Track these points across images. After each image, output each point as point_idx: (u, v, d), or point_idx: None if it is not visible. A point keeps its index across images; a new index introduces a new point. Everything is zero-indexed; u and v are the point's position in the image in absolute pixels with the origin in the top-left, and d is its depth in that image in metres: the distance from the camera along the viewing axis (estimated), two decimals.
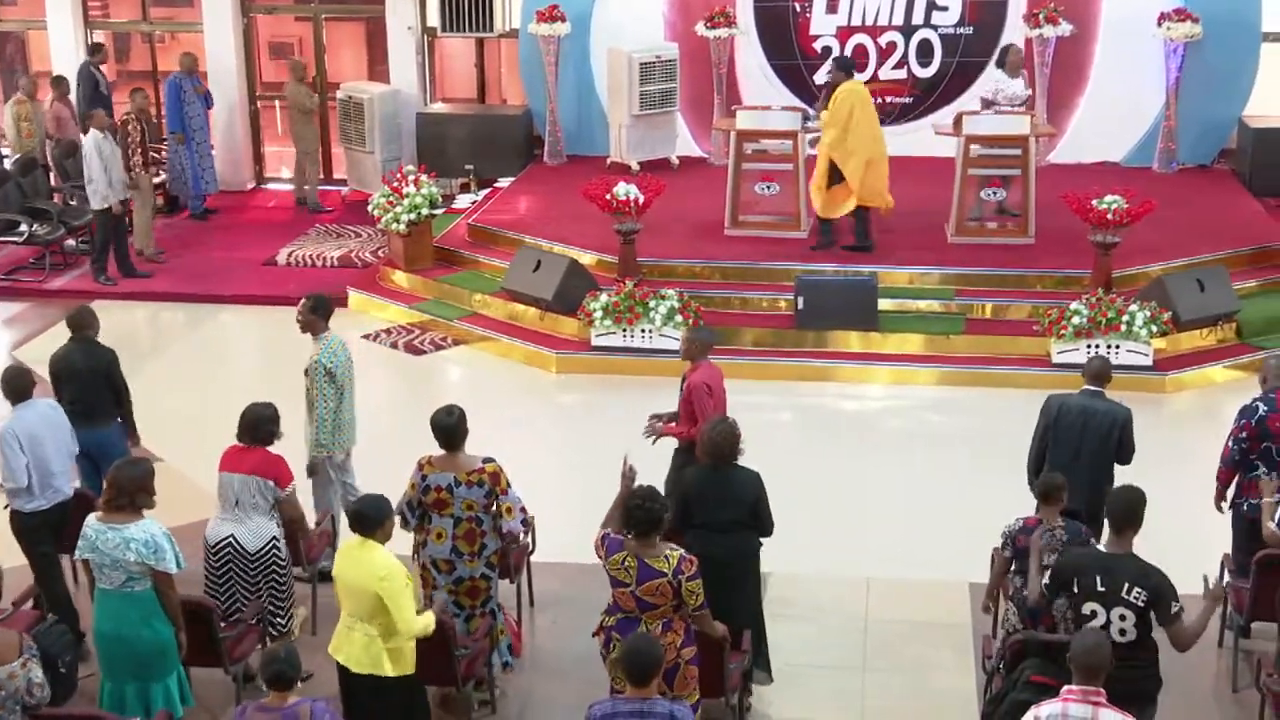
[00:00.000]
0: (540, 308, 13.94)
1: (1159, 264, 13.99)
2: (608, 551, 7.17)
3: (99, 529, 7.44)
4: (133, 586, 7.42)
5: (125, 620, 7.45)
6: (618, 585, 7.14)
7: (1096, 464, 8.78)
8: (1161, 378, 12.86)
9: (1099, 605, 6.90)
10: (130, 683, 7.53)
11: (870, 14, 17.29)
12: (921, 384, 13.12)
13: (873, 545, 10.18)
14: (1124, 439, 8.83)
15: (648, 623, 7.10)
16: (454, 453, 8.07)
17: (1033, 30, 16.70)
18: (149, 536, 7.40)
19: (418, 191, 14.98)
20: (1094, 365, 9.13)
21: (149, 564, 7.38)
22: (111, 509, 7.47)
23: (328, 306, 9.59)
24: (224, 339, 14.74)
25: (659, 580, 7.03)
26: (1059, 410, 8.96)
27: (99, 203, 15.10)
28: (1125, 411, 8.90)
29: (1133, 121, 17.16)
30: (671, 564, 7.05)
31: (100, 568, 7.45)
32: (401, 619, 7.16)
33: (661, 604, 7.07)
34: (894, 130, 17.37)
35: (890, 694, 8.59)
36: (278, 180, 19.54)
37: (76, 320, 9.80)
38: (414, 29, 18.39)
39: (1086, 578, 6.95)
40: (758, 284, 14.15)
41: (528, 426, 12.29)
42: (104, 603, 7.52)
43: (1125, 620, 6.88)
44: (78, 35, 18.90)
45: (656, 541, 7.09)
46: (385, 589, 7.11)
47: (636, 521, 7.06)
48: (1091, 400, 8.93)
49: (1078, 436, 8.82)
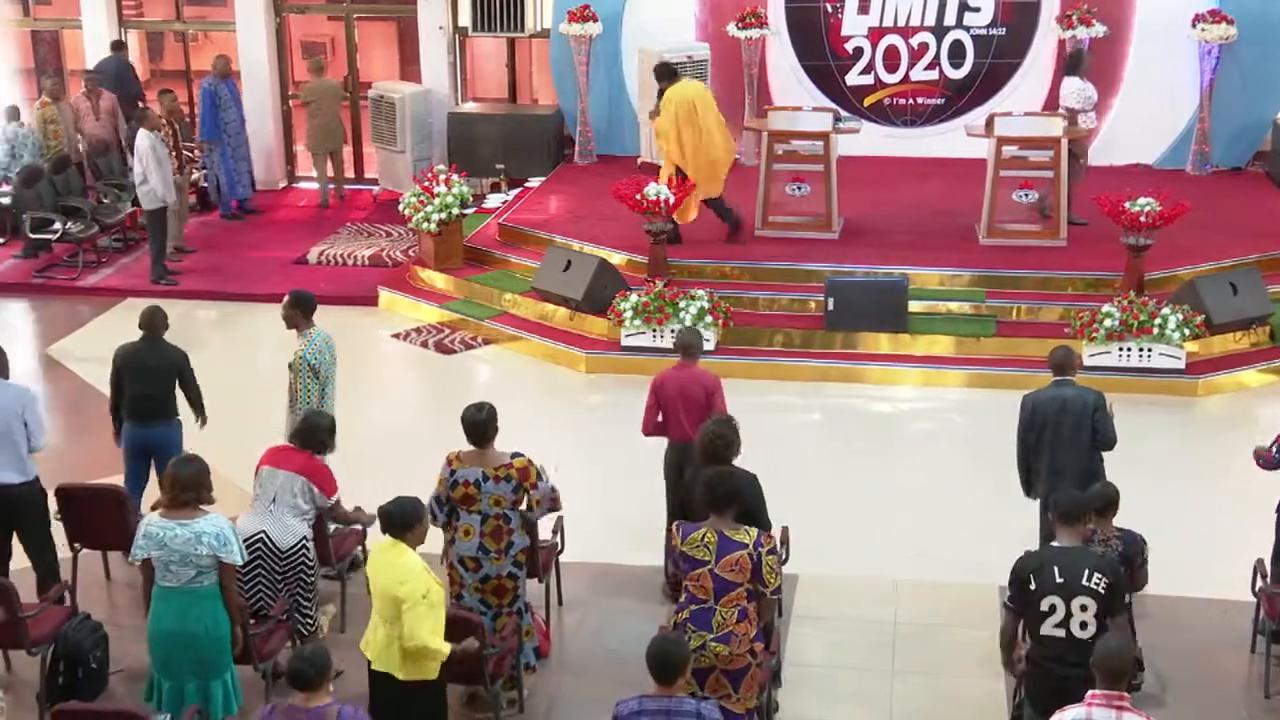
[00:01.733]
0: (570, 307, 13.94)
1: (1191, 267, 13.90)
2: (684, 534, 7.17)
3: (166, 526, 7.44)
4: (201, 581, 7.44)
5: (190, 617, 7.46)
6: (695, 566, 7.11)
7: (1079, 453, 8.80)
8: (1194, 381, 12.78)
9: (1058, 598, 6.86)
10: (190, 680, 7.54)
11: (902, 15, 17.24)
12: (951, 386, 13.08)
13: (901, 547, 10.15)
14: (1098, 423, 8.84)
15: (723, 611, 7.08)
16: (483, 448, 8.08)
17: (1065, 32, 16.63)
18: (219, 530, 7.45)
19: (448, 191, 15.01)
20: (1057, 356, 9.15)
21: (219, 556, 7.42)
22: (176, 505, 7.49)
23: (309, 303, 9.75)
24: (255, 337, 14.80)
25: (739, 553, 7.05)
26: (1034, 407, 9.02)
27: (152, 203, 15.12)
28: (1096, 395, 8.93)
29: (1166, 123, 17.07)
30: (751, 536, 7.11)
31: (166, 565, 7.45)
32: (409, 627, 7.12)
33: (739, 582, 7.07)
34: (925, 131, 17.46)
35: (918, 697, 8.55)
36: (309, 179, 19.60)
37: (148, 319, 9.91)
38: (445, 29, 18.43)
39: (1044, 573, 6.91)
40: (787, 285, 14.13)
41: (556, 426, 12.30)
42: (167, 600, 7.50)
43: (1086, 611, 6.83)
44: (111, 34, 18.99)
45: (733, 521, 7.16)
46: (403, 594, 7.11)
47: (718, 495, 7.14)
48: (1061, 389, 8.98)
49: (1055, 427, 8.87)
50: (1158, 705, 7.99)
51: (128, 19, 19.45)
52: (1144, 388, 12.53)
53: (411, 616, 7.11)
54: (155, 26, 20.27)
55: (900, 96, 17.51)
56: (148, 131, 14.95)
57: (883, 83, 17.46)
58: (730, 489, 7.21)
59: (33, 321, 15.28)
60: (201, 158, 17.66)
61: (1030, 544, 8.81)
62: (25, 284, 15.89)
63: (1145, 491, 9.18)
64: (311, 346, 9.54)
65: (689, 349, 9.38)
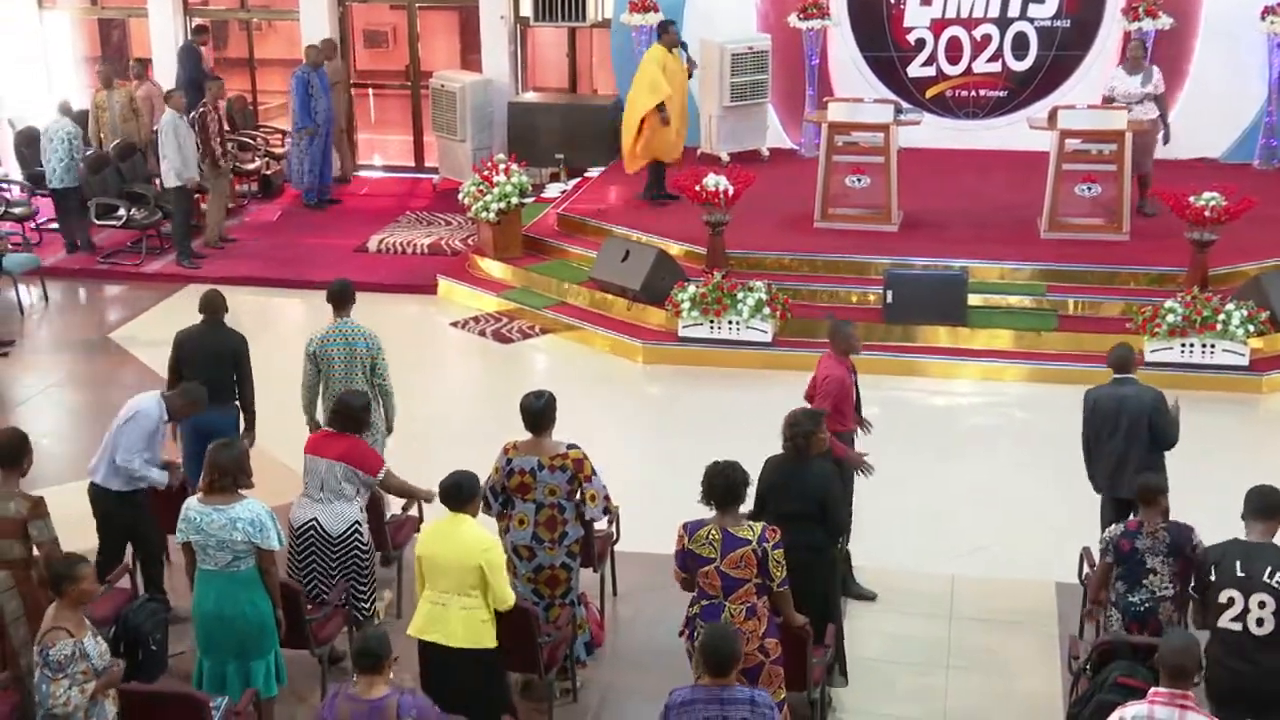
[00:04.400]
0: (628, 298, 13.95)
1: (1257, 262, 13.73)
2: (689, 532, 7.19)
3: (203, 511, 7.53)
4: (238, 566, 7.52)
5: (230, 599, 7.55)
6: (702, 564, 7.13)
7: (1138, 450, 8.73)
8: (1258, 378, 12.63)
9: (1237, 592, 6.81)
10: (231, 661, 7.63)
11: (965, 6, 17.12)
12: (1010, 380, 12.98)
13: (958, 542, 10.10)
14: (1155, 422, 8.76)
15: (731, 607, 7.09)
16: (539, 437, 8.11)
17: (1131, 24, 16.44)
18: (254, 515, 7.51)
19: (508, 180, 15.05)
20: (1116, 354, 9.11)
21: (255, 542, 7.48)
22: (215, 490, 7.57)
23: (332, 293, 9.91)
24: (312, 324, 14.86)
25: (744, 549, 7.05)
26: (1094, 404, 8.98)
27: (173, 180, 15.34)
28: (1154, 395, 8.86)
29: (1233, 117, 16.85)
30: (755, 532, 7.10)
31: (205, 549, 7.54)
32: (501, 591, 7.29)
33: (746, 578, 7.07)
34: (988, 124, 17.35)
35: (973, 693, 8.51)
36: (371, 168, 19.72)
37: (208, 303, 10.01)
38: (506, 18, 18.47)
39: (1226, 563, 6.87)
40: (847, 277, 14.07)
41: (614, 416, 12.32)
42: (208, 583, 7.60)
43: (1265, 608, 6.78)
44: (177, 22, 19.18)
45: (739, 516, 7.16)
46: (489, 560, 7.22)
47: (717, 490, 7.13)
48: (1121, 388, 8.92)
49: (1114, 425, 8.82)
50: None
51: (193, 7, 19.61)
52: (1207, 384, 12.39)
53: (499, 581, 7.27)
54: (220, 15, 20.43)
55: (962, 88, 17.39)
56: (173, 110, 15.26)
57: (945, 75, 17.35)
58: (732, 483, 7.16)
59: (97, 307, 15.48)
60: (289, 149, 17.80)
61: (1089, 540, 8.78)
62: (90, 269, 16.08)
63: (1206, 488, 9.08)
64: (318, 336, 9.70)
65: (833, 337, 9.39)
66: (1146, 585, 7.60)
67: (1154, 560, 7.55)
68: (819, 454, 8.00)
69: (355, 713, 6.39)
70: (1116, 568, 7.70)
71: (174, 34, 19.06)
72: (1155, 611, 7.58)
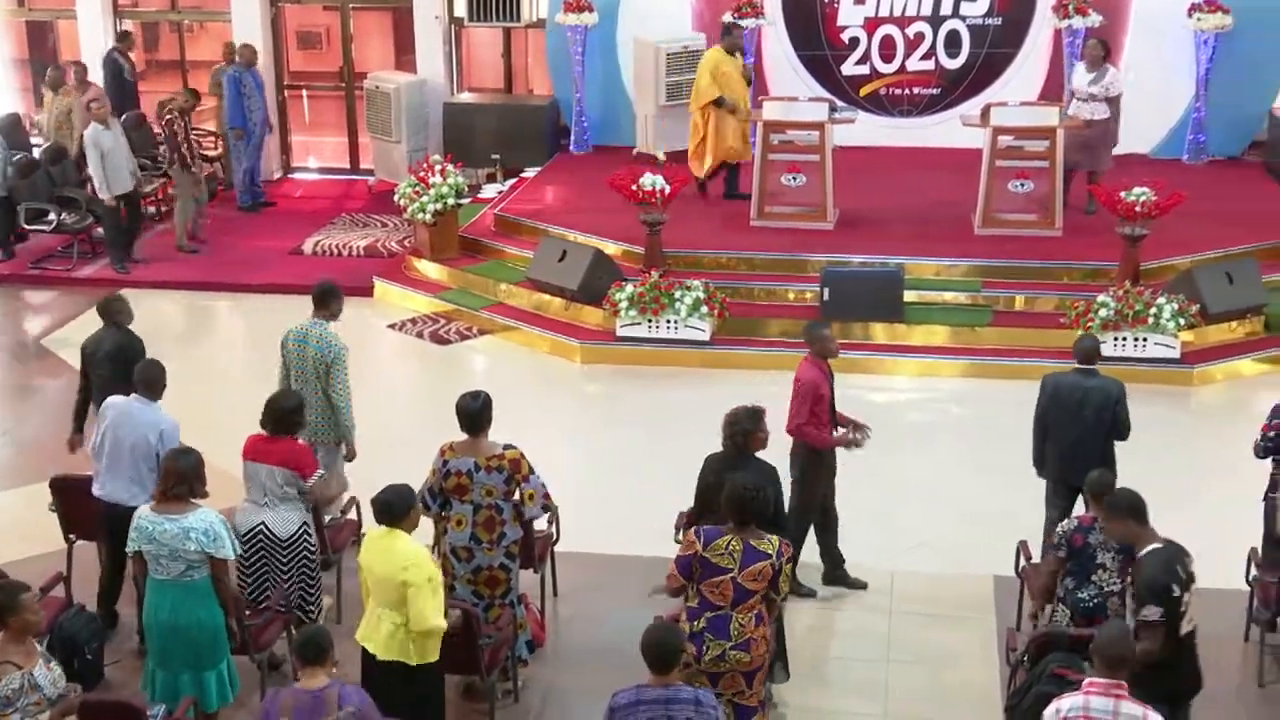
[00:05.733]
0: (565, 298, 13.94)
1: (1187, 256, 13.91)
2: (705, 540, 7.11)
3: (155, 520, 7.45)
4: (192, 575, 7.45)
5: (184, 610, 7.48)
6: (717, 574, 7.06)
7: (1097, 440, 8.84)
8: (1189, 371, 12.79)
9: (1187, 594, 6.90)
10: (185, 672, 7.55)
11: (898, 5, 17.22)
12: (947, 376, 13.07)
13: (897, 537, 10.16)
14: (1119, 414, 8.89)
15: (740, 617, 7.08)
16: (476, 438, 8.09)
17: (1061, 21, 16.61)
18: (208, 525, 7.44)
19: (444, 181, 15.00)
20: (1084, 345, 9.22)
21: (208, 552, 7.42)
22: (168, 499, 7.50)
23: (313, 293, 9.72)
24: (249, 327, 14.80)
25: (764, 563, 7.04)
26: (1054, 388, 9.05)
27: (101, 194, 15.19)
28: (1119, 386, 8.99)
29: (1162, 113, 17.06)
30: (775, 546, 7.10)
31: (156, 559, 7.46)
32: (415, 612, 7.18)
33: (758, 590, 7.08)
34: (922, 122, 17.46)
35: (913, 686, 8.57)
36: (305, 170, 19.60)
37: (106, 308, 9.86)
38: (441, 18, 18.41)
39: (1178, 575, 6.90)
40: (784, 275, 14.13)
41: (552, 416, 12.30)
42: (160, 593, 7.52)
43: (1191, 602, 6.89)
44: (106, 24, 18.97)
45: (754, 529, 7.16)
46: (409, 578, 7.14)
47: (753, 511, 7.11)
48: (1086, 378, 9.02)
49: (1076, 414, 8.90)
50: None
51: (123, 9, 19.41)
52: (1139, 377, 12.50)
53: (418, 601, 7.16)
54: (150, 16, 20.22)
55: (896, 87, 17.50)
56: (96, 123, 14.99)
57: (879, 73, 17.46)
58: (761, 506, 7.16)
59: (29, 312, 15.28)
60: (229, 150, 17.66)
61: (1027, 534, 8.86)
62: (21, 274, 15.88)
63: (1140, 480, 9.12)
64: (290, 329, 9.66)
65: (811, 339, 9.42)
66: (1095, 581, 7.67)
67: (1105, 555, 7.63)
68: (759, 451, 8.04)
69: (298, 704, 6.40)
70: (1067, 562, 7.76)
71: (104, 36, 18.85)
72: (1104, 607, 7.65)
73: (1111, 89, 14.78)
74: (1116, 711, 5.97)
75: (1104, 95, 14.72)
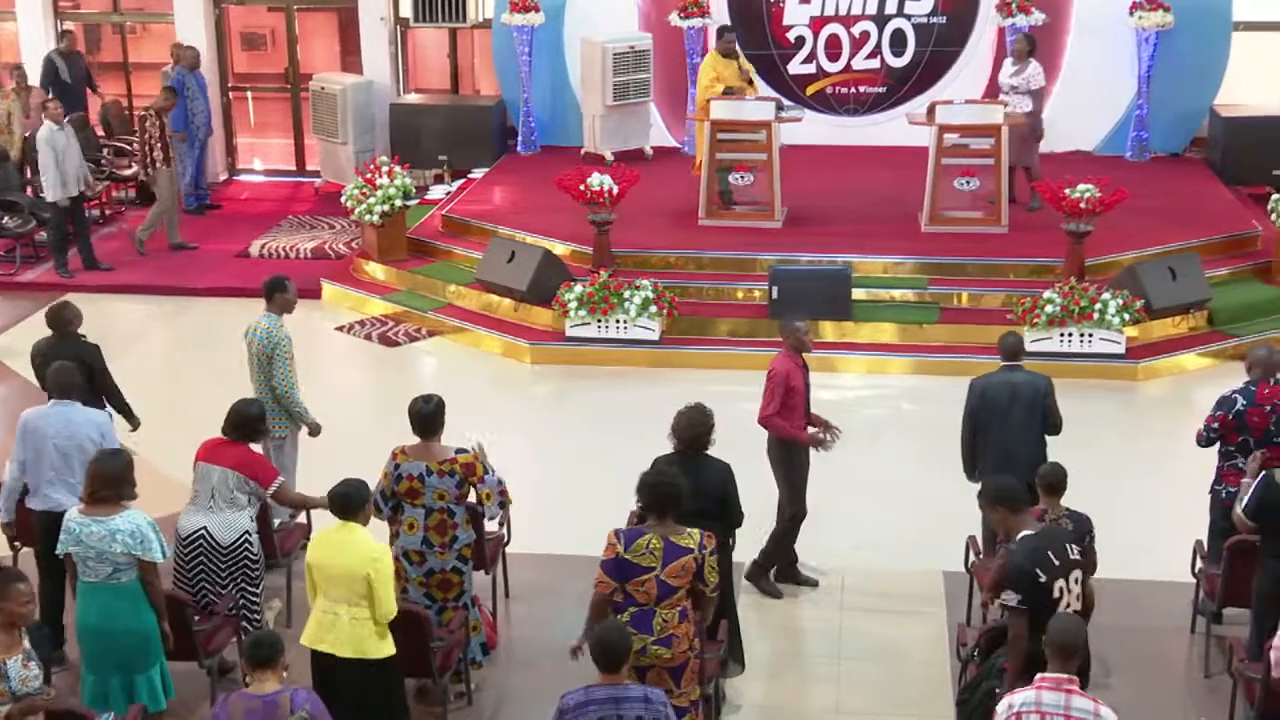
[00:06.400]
0: (515, 298, 13.91)
1: (1131, 252, 14.04)
2: (626, 541, 7.09)
3: (83, 522, 7.38)
4: (119, 578, 7.38)
5: (111, 613, 7.41)
6: (639, 573, 7.06)
7: (1030, 437, 8.87)
8: (1134, 366, 12.91)
9: (1061, 580, 6.89)
10: (115, 675, 7.48)
11: (844, 4, 17.30)
12: (895, 373, 13.15)
13: (846, 534, 10.20)
14: (1048, 407, 8.94)
15: (664, 613, 7.07)
16: (428, 441, 8.07)
17: (1005, 20, 16.72)
18: (135, 527, 7.37)
19: (391, 183, 14.94)
20: (1008, 342, 9.27)
21: (136, 554, 7.35)
22: (95, 501, 7.42)
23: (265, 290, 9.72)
24: (196, 331, 14.68)
25: (686, 558, 7.04)
26: (984, 390, 9.08)
27: (50, 195, 15.03)
28: (1045, 380, 9.03)
29: (1105, 110, 17.22)
30: (695, 539, 7.09)
31: (85, 561, 7.40)
32: (384, 602, 7.22)
33: (682, 586, 7.07)
34: (868, 120, 17.55)
35: (865, 682, 8.61)
36: (251, 172, 19.47)
37: (56, 314, 9.78)
38: (386, 19, 18.34)
39: (1045, 562, 6.90)
40: (732, 274, 14.16)
41: (503, 417, 12.27)
42: (89, 596, 7.45)
43: (1076, 583, 6.90)
44: (47, 26, 18.78)
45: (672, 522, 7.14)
46: (376, 570, 7.16)
47: (660, 499, 7.10)
48: (1012, 374, 9.06)
49: (1006, 411, 8.94)
50: (1101, 687, 8.04)
51: (64, 10, 19.22)
52: (1085, 372, 12.65)
53: (385, 591, 7.20)
54: (92, 18, 20.02)
55: (842, 85, 17.57)
56: (50, 123, 14.88)
57: (825, 72, 17.52)
58: (673, 492, 7.15)
59: None
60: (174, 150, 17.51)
61: (977, 529, 8.91)
62: None
63: (1086, 474, 9.23)
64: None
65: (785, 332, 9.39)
66: None
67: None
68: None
69: (249, 709, 6.35)
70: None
71: (45, 39, 18.66)
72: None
73: (1032, 82, 14.91)
74: (1068, 706, 6.01)
75: (1025, 88, 14.85)
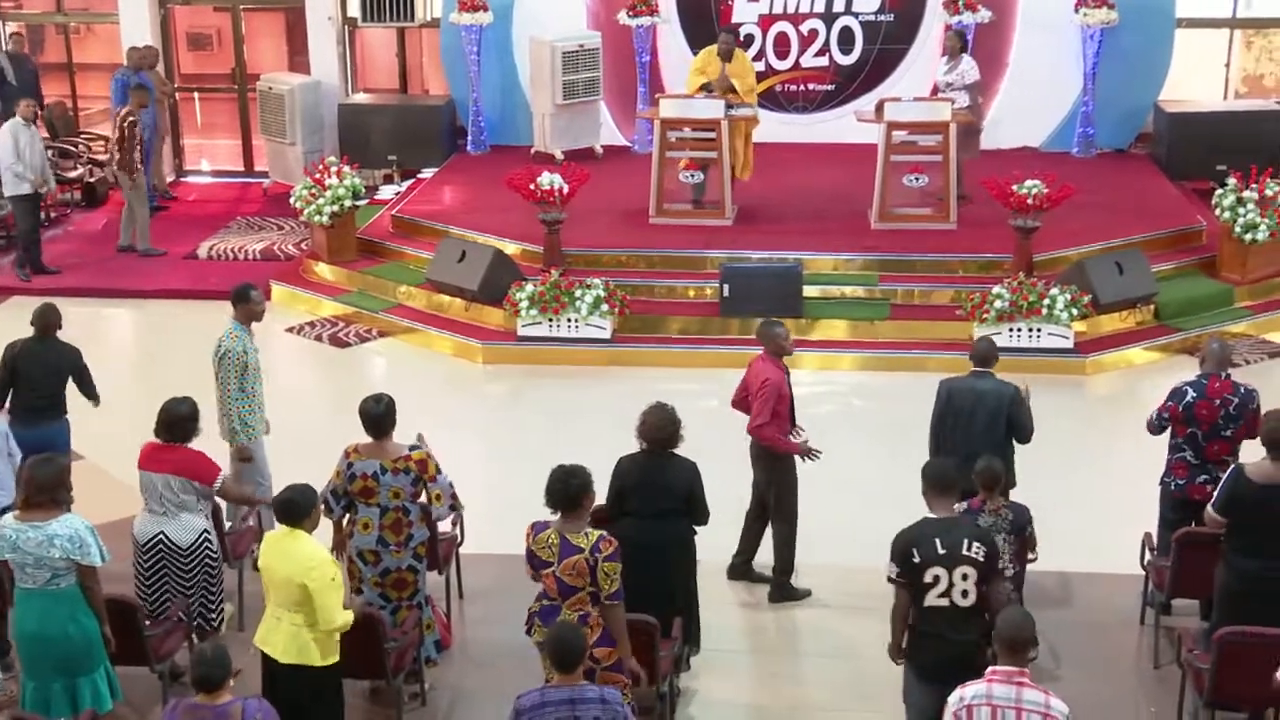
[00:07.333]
0: (465, 298, 13.88)
1: (1079, 248, 14.14)
2: (534, 532, 7.18)
3: (19, 528, 7.31)
4: (57, 584, 7.32)
5: (50, 618, 7.34)
6: (542, 567, 7.13)
7: (991, 443, 8.81)
8: (1082, 360, 13.02)
9: (941, 569, 6.93)
10: (56, 680, 7.41)
11: (792, 2, 17.35)
12: (846, 369, 13.21)
13: (801, 530, 10.20)
14: (1014, 417, 8.90)
15: (566, 613, 7.10)
16: (381, 441, 8.04)
17: (952, 17, 16.81)
18: (73, 531, 7.30)
19: (340, 183, 14.87)
20: (980, 348, 9.25)
21: (74, 559, 7.28)
22: (30, 507, 7.36)
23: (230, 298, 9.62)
24: (145, 334, 14.57)
25: (577, 557, 7.03)
26: (949, 393, 9.07)
27: (14, 188, 14.90)
28: (1012, 389, 8.98)
29: (1051, 107, 17.35)
30: (590, 541, 7.07)
31: (22, 567, 7.33)
32: (323, 612, 7.13)
33: (580, 587, 7.06)
34: (817, 117, 17.61)
35: (824, 679, 8.64)
36: (199, 173, 19.35)
37: (40, 317, 9.76)
38: (334, 19, 18.25)
39: (924, 543, 6.96)
40: (683, 272, 14.17)
41: (454, 417, 12.24)
42: (27, 602, 7.39)
43: (967, 580, 6.92)
44: None
45: (582, 522, 7.13)
46: (312, 580, 7.08)
47: (555, 495, 7.11)
48: (979, 381, 9.04)
49: (970, 416, 8.92)
50: (1051, 679, 8.12)
51: (6, 11, 19.02)
52: (1034, 367, 12.69)
53: (323, 600, 7.11)
54: (35, 19, 19.85)
55: (791, 83, 17.63)
56: (20, 118, 14.89)
57: (774, 70, 17.57)
58: (570, 489, 7.11)
59: None
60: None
61: None
62: None
63: (1036, 468, 9.32)
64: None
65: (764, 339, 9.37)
66: None
67: (996, 538, 7.71)
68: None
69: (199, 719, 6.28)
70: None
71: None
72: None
73: (966, 76, 14.99)
74: (1019, 699, 6.04)
75: (960, 84, 14.93)
